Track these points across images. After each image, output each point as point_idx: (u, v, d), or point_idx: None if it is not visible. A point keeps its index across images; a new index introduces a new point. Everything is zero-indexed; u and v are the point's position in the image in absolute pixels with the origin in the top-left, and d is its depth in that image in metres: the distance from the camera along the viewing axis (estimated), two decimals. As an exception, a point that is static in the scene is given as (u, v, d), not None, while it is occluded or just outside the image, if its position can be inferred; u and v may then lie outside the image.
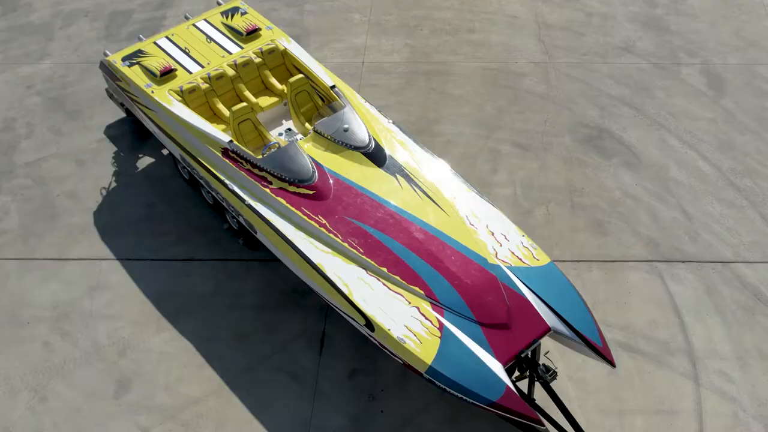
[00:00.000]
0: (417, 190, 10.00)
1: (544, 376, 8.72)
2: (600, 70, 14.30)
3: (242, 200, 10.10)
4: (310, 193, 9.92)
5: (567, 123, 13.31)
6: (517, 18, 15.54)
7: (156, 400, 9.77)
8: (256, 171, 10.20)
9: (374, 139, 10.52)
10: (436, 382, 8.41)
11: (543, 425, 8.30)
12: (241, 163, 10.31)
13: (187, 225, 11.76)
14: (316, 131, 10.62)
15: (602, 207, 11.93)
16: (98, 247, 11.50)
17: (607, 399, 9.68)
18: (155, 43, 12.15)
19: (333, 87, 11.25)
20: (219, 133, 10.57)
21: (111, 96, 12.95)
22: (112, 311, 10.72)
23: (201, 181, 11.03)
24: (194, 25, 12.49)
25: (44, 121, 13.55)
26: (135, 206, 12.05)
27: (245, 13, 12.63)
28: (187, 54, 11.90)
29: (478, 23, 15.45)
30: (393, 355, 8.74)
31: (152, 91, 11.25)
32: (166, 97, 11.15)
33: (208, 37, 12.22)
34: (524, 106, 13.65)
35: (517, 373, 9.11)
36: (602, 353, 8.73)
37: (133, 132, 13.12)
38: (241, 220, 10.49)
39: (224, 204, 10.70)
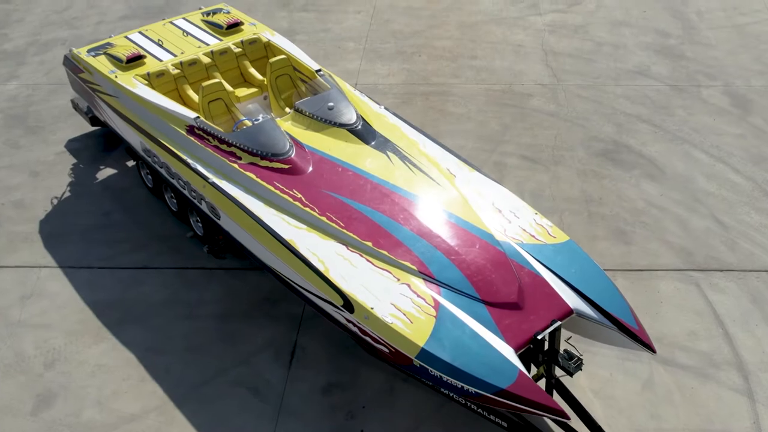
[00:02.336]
0: (411, 166, 8.53)
1: (567, 365, 6.92)
2: (613, 92, 13.00)
3: (205, 179, 8.60)
4: (285, 167, 8.44)
5: (580, 138, 11.89)
6: (523, 46, 14.40)
7: (82, 418, 7.96)
8: (223, 147, 8.76)
9: (363, 118, 9.12)
10: (430, 370, 6.65)
11: (569, 418, 6.46)
12: (208, 139, 8.89)
13: (146, 233, 10.20)
14: (296, 110, 9.23)
15: (623, 216, 10.34)
16: (39, 254, 9.91)
17: (641, 417, 7.83)
18: (127, 37, 10.96)
19: (318, 71, 9.93)
20: (185, 110, 9.22)
21: (76, 107, 11.69)
22: (44, 320, 9.02)
23: (162, 171, 9.57)
24: (171, 22, 11.34)
25: (0, 135, 12.22)
26: (88, 215, 10.53)
27: (228, 12, 11.49)
28: (160, 45, 10.68)
29: (481, 51, 14.30)
30: (377, 342, 7.01)
31: (116, 76, 9.95)
32: (130, 81, 9.85)
33: (185, 31, 11.03)
34: (532, 123, 12.27)
35: (534, 371, 7.34)
36: (639, 338, 7.01)
37: (103, 142, 11.77)
38: (203, 207, 8.92)
39: (186, 193, 9.18)
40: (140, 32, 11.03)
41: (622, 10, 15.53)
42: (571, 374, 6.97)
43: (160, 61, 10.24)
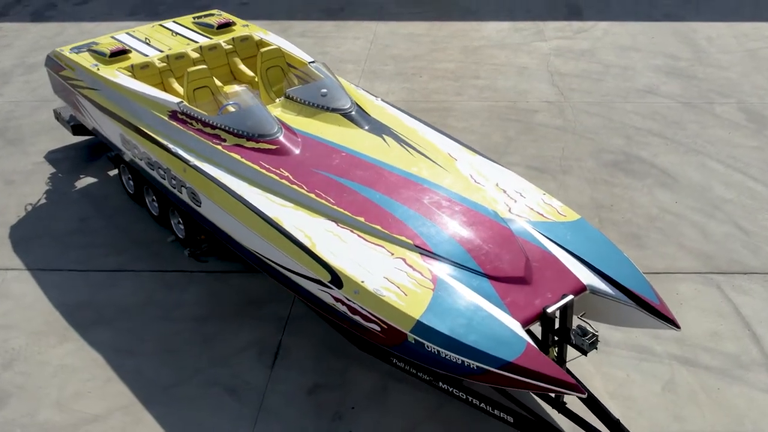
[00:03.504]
0: (408, 148, 7.94)
1: (581, 343, 6.12)
2: (623, 108, 12.43)
3: (186, 162, 7.98)
4: (272, 147, 7.84)
5: (588, 150, 11.26)
6: (527, 68, 13.92)
7: (38, 418, 7.15)
8: (207, 130, 8.18)
9: (358, 104, 8.56)
10: (426, 345, 5.88)
11: (584, 393, 5.65)
12: (191, 123, 8.31)
13: (125, 238, 9.52)
14: (287, 97, 8.66)
15: (637, 222, 9.63)
16: (7, 257, 9.22)
17: (664, 419, 6.99)
18: (113, 37, 10.49)
19: (312, 62, 9.39)
20: (167, 96, 8.68)
21: (58, 117, 11.17)
22: (6, 321, 8.28)
23: (142, 163, 8.95)
24: (161, 24, 10.90)
25: (-23, 148, 11.68)
26: (64, 220, 9.87)
27: (221, 15, 11.05)
28: (147, 43, 10.20)
29: (484, 72, 13.82)
30: (367, 320, 6.26)
31: (98, 69, 9.44)
32: (112, 72, 9.33)
33: (174, 32, 10.57)
34: (538, 136, 11.67)
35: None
36: (661, 313, 6.25)
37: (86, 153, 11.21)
38: (184, 195, 8.25)
39: (166, 183, 8.54)
40: (128, 33, 10.56)
41: (630, 36, 15.11)
42: (585, 353, 6.17)
43: (146, 56, 9.73)
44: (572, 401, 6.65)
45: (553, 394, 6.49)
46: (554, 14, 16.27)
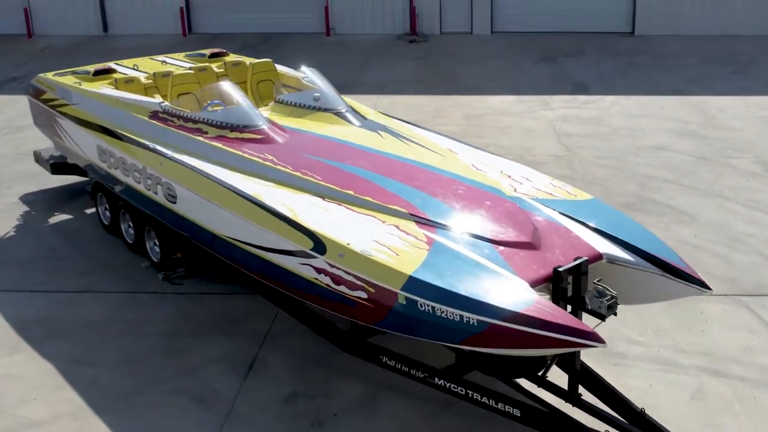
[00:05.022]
0: (406, 141, 7.39)
1: (598, 306, 5.24)
2: (633, 161, 11.86)
3: (164, 155, 7.38)
4: (257, 137, 7.28)
5: (599, 194, 10.57)
6: (533, 130, 13.47)
7: (-25, 421, 6.20)
8: (189, 125, 7.66)
9: (351, 107, 8.05)
10: (420, 303, 5.06)
11: (604, 342, 4.73)
12: (172, 121, 7.78)
13: (95, 263, 8.80)
14: (277, 101, 8.15)
15: (654, 252, 8.82)
16: (-34, 279, 8.46)
17: (695, 427, 6.04)
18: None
19: (305, 77, 8.93)
20: (149, 98, 8.21)
21: (38, 159, 10.68)
22: (-47, 335, 7.44)
23: (118, 172, 8.33)
24: (151, 57, 10.58)
25: (-47, 190, 11.12)
26: (32, 249, 9.18)
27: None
28: (135, 69, 9.80)
29: (488, 133, 13.37)
30: (353, 288, 5.47)
31: (80, 84, 9.01)
32: (95, 86, 8.91)
33: (165, 62, 10.20)
34: (543, 182, 11.03)
35: None
36: (689, 275, 5.44)
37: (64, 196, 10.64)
38: (159, 195, 7.57)
39: (142, 187, 7.89)
40: (115, 63, 10.19)
41: (638, 106, 14.75)
42: (603, 317, 5.28)
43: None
44: (587, 394, 5.73)
45: (571, 349, 5.31)
46: (560, 90, 16.01)
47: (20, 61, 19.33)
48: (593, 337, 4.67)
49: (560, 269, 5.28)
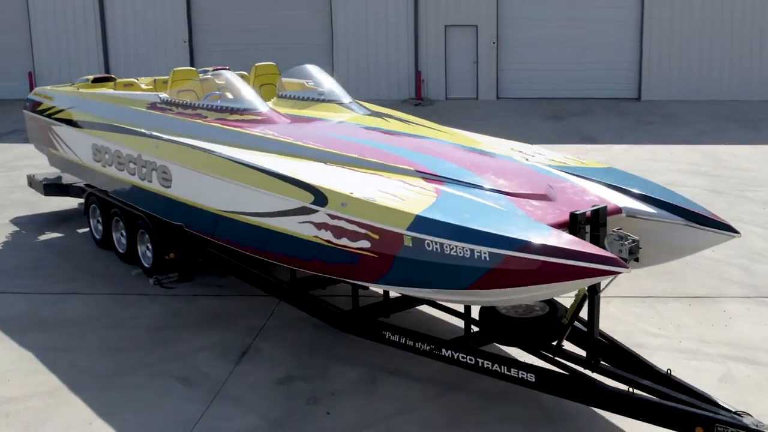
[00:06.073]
0: (412, 124, 7.15)
1: (619, 249, 4.84)
2: (645, 194, 11.53)
3: (159, 138, 7.13)
4: (258, 118, 7.02)
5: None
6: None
7: (-57, 398, 5.73)
8: (188, 111, 7.44)
9: (357, 102, 7.85)
10: (427, 242, 4.68)
11: (627, 267, 4.33)
12: (171, 109, 7.57)
13: (82, 271, 8.42)
14: (280, 96, 7.94)
15: (669, 264, 8.41)
16: (-53, 283, 8.08)
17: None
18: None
19: (310, 83, 8.74)
20: (148, 93, 8.03)
21: (31, 182, 10.45)
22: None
23: (113, 169, 8.06)
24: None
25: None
26: (19, 259, 8.82)
27: None
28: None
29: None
30: (357, 237, 5.11)
31: (78, 88, 8.86)
32: (94, 89, 8.75)
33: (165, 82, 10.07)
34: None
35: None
36: (716, 220, 5.08)
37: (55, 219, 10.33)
38: (155, 181, 7.25)
39: (136, 178, 7.60)
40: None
41: (648, 152, 14.57)
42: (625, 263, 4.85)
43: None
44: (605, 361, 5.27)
45: (594, 279, 4.78)
46: (568, 141, 15.85)
47: (22, 117, 19.33)
48: (616, 263, 4.27)
49: (577, 212, 4.92)
